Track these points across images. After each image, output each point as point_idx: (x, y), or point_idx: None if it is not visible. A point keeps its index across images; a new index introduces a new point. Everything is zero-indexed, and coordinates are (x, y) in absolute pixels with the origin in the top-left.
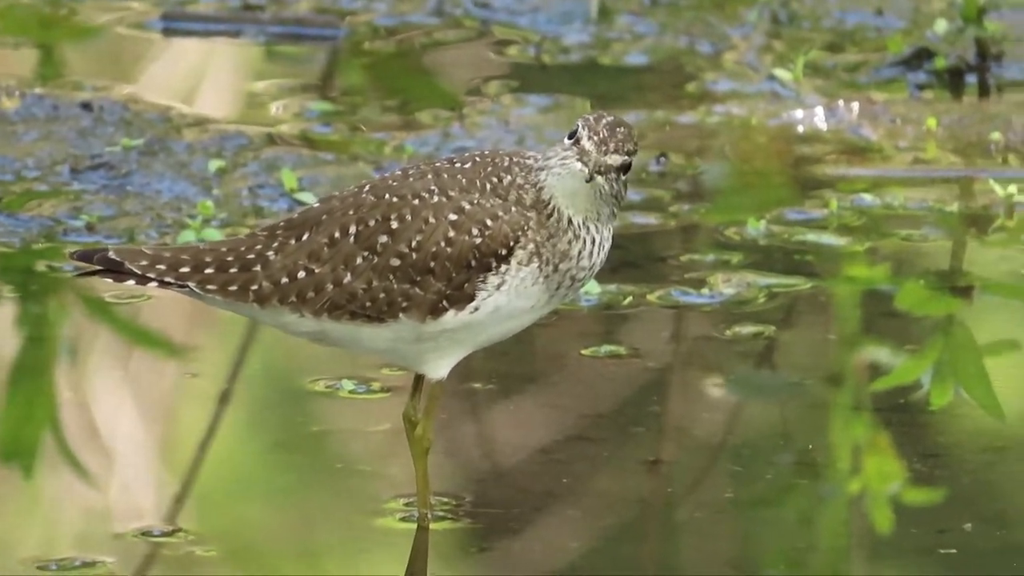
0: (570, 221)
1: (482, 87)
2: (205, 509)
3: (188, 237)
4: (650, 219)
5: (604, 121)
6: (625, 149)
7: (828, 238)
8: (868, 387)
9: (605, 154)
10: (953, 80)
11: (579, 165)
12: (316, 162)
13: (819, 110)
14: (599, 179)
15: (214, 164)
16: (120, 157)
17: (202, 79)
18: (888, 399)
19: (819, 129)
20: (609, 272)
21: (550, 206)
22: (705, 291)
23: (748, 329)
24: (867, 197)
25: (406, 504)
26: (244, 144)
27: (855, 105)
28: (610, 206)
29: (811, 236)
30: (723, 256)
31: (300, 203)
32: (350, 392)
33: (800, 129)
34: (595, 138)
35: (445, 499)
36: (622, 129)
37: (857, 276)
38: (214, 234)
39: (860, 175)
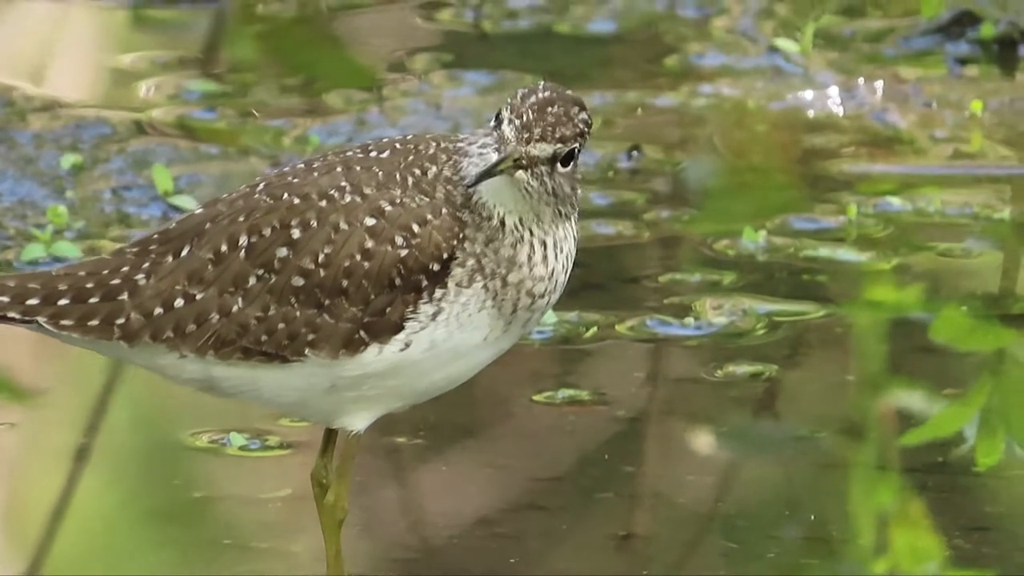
0: (502, 222)
1: (407, 62)
2: None
3: (35, 252)
4: (619, 229)
5: (533, 99)
6: (557, 135)
7: (845, 253)
8: (896, 442)
9: (528, 142)
10: (1003, 52)
11: (494, 156)
12: (197, 156)
13: (833, 91)
14: (520, 174)
15: (68, 159)
16: None
17: (53, 52)
18: (922, 457)
19: (834, 115)
20: (567, 296)
21: (480, 204)
22: (689, 320)
23: (744, 368)
24: (894, 201)
25: None
26: (106, 134)
27: (879, 84)
28: (551, 206)
29: (824, 250)
30: (712, 276)
31: (177, 208)
32: (240, 448)
33: (810, 114)
34: (517, 122)
35: None
36: (555, 108)
37: (882, 301)
38: (68, 248)
39: (886, 173)
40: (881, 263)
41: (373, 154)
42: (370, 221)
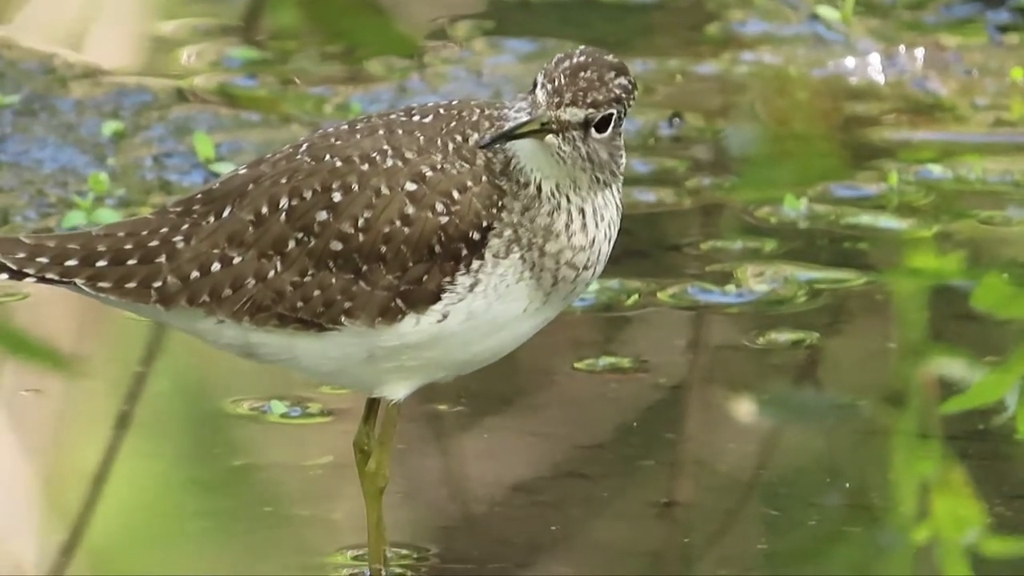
0: (539, 188)
1: (448, 29)
2: (99, 562)
3: (76, 220)
4: (661, 196)
5: (567, 64)
6: (589, 100)
7: (886, 220)
8: (938, 410)
9: (559, 107)
10: None
11: (525, 118)
12: (238, 124)
13: (874, 58)
14: (550, 138)
15: (109, 127)
16: None
17: (94, 19)
18: (963, 425)
19: (875, 82)
20: (609, 263)
21: (519, 170)
22: (731, 288)
23: (785, 336)
24: (935, 168)
25: (354, 558)
26: (147, 102)
27: (920, 52)
28: (587, 172)
29: (865, 218)
30: (753, 243)
31: (218, 175)
32: (282, 416)
33: (851, 82)
34: (549, 86)
35: (404, 552)
36: (589, 73)
37: (923, 268)
38: (109, 215)
39: (927, 140)
40: (922, 230)
41: (416, 118)
42: (411, 186)
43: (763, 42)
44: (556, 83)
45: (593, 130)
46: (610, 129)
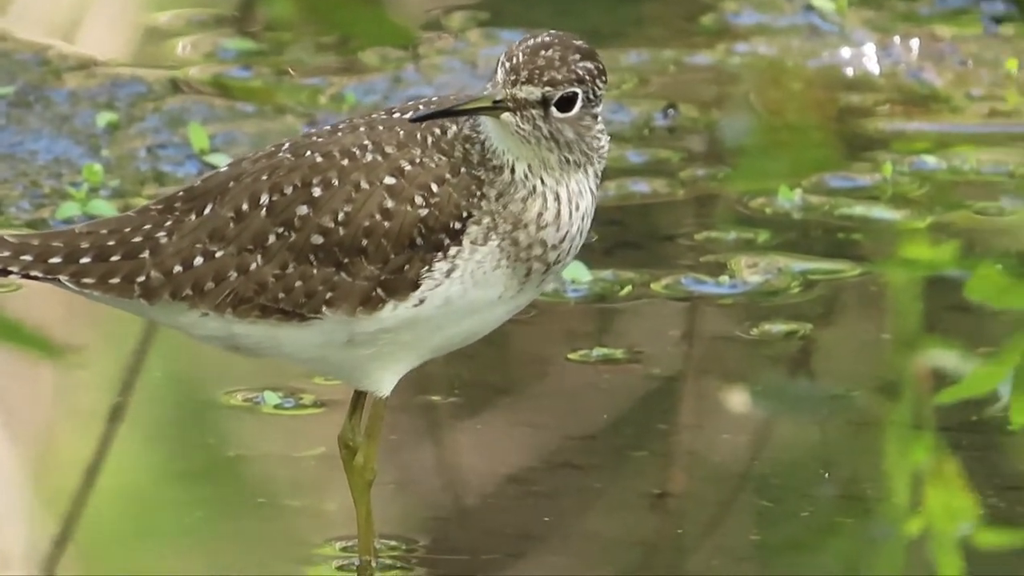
0: (513, 169)
1: (443, 19)
2: (90, 554)
3: (70, 211)
4: (655, 187)
5: (529, 44)
6: (546, 78)
7: (880, 211)
8: (931, 401)
9: (514, 84)
10: None
11: (482, 94)
12: (233, 115)
13: (869, 49)
14: (506, 116)
15: (103, 118)
16: None
17: (88, 10)
18: (957, 416)
19: (869, 73)
20: (602, 254)
21: (492, 152)
22: (724, 279)
23: (779, 327)
24: (930, 159)
25: (344, 549)
26: (141, 92)
27: (915, 42)
28: (553, 152)
29: (859, 209)
30: (747, 234)
31: (212, 166)
32: (275, 407)
33: (846, 72)
34: (507, 64)
35: (394, 543)
36: (549, 53)
37: (917, 259)
38: (104, 207)
39: (921, 131)
40: (916, 221)
41: (396, 115)
42: (390, 180)
43: (758, 33)
44: (514, 61)
45: (554, 109)
46: (575, 109)
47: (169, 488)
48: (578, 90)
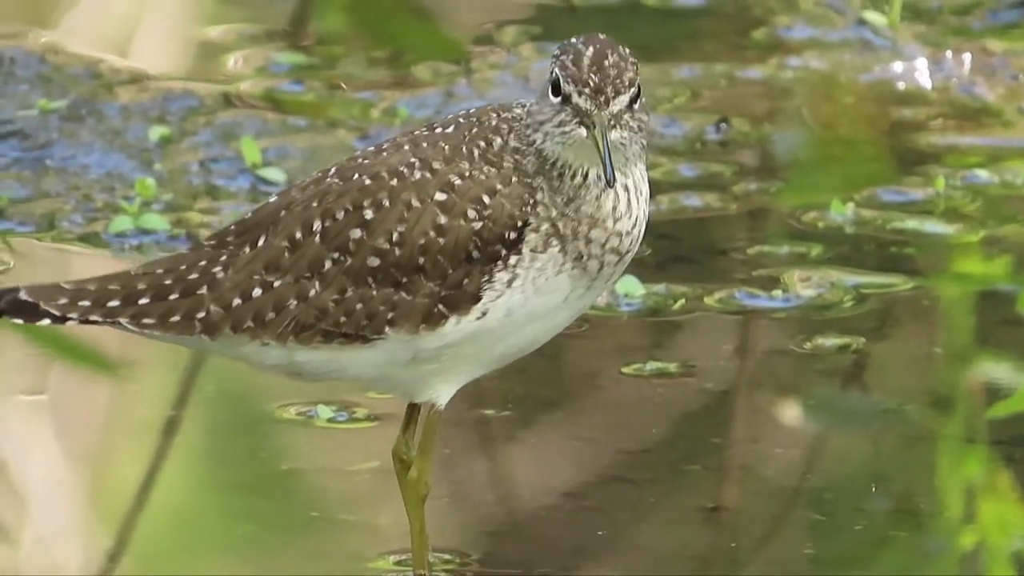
0: (586, 175)
1: (495, 34)
2: (145, 567)
3: (123, 224)
4: (707, 201)
5: (585, 60)
6: (626, 81)
7: (933, 225)
8: (984, 414)
9: (607, 103)
10: None
11: (583, 132)
12: (285, 129)
13: (921, 63)
14: (614, 135)
15: (156, 132)
16: (37, 123)
17: (140, 24)
18: (1009, 429)
19: (921, 87)
20: (655, 268)
21: (559, 165)
22: (777, 293)
23: (832, 341)
24: (982, 173)
25: (397, 563)
26: (194, 106)
27: (967, 57)
28: (638, 143)
29: (911, 223)
30: (800, 248)
31: (265, 180)
32: (328, 421)
33: (898, 87)
34: (586, 91)
35: (447, 557)
36: (610, 59)
37: (970, 273)
38: (156, 220)
39: (973, 145)
40: (969, 235)
41: (438, 130)
42: (441, 196)
43: (810, 47)
44: (592, 83)
45: (634, 104)
46: (640, 96)
47: (222, 502)
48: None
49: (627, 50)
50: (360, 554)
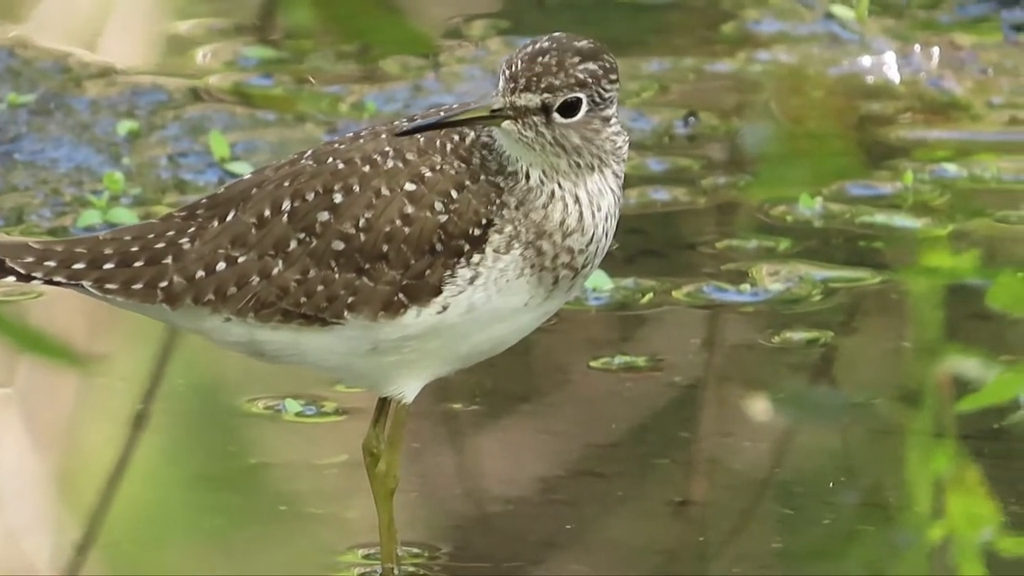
0: (528, 175)
1: (463, 28)
2: (113, 560)
3: (91, 218)
4: (676, 195)
5: (528, 50)
6: (543, 85)
7: (901, 219)
8: (952, 408)
9: (513, 92)
10: None
11: (508, 122)
12: (253, 123)
13: (890, 57)
14: (507, 124)
15: (124, 126)
16: (5, 117)
17: (108, 18)
18: (978, 423)
19: (890, 81)
20: (624, 262)
21: (506, 159)
22: (746, 287)
23: (800, 335)
24: (951, 167)
25: (366, 557)
26: (162, 101)
27: (935, 51)
28: (561, 158)
29: (880, 217)
30: (768, 242)
31: (233, 175)
32: (296, 415)
33: (866, 81)
34: (507, 72)
35: (416, 550)
36: (547, 59)
37: (938, 267)
38: (124, 215)
39: (942, 139)
40: (937, 229)
41: (418, 121)
42: (410, 186)
43: (778, 41)
44: (513, 69)
45: (557, 115)
46: (581, 114)
47: (191, 495)
48: (580, 95)
49: (587, 65)
50: (329, 548)
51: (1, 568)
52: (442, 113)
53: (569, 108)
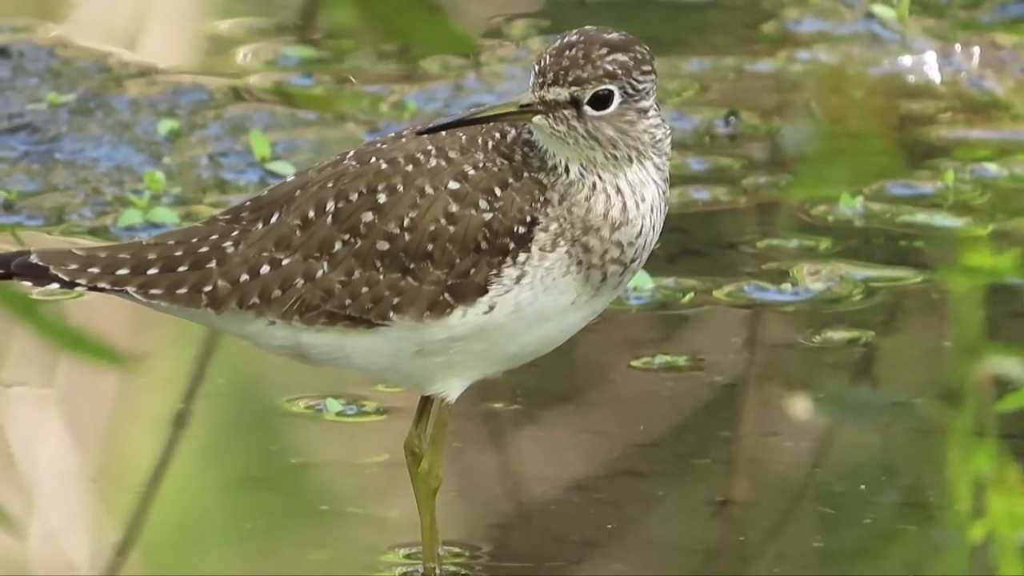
0: (567, 169)
1: (504, 27)
2: (153, 561)
3: (132, 218)
4: (716, 195)
5: (556, 44)
6: (571, 78)
7: (942, 219)
8: (993, 407)
9: (542, 87)
10: None
11: (539, 117)
12: (294, 122)
13: (930, 57)
14: (538, 119)
15: (165, 125)
16: (46, 117)
17: (149, 17)
18: (1019, 423)
19: (930, 81)
20: (665, 262)
21: (546, 155)
22: (787, 286)
23: (841, 334)
24: (991, 167)
25: (407, 556)
26: (203, 100)
27: (976, 50)
28: (596, 151)
29: (921, 216)
30: (809, 242)
31: (274, 174)
32: (337, 414)
33: (907, 80)
34: (536, 68)
35: (457, 550)
36: (574, 52)
37: (979, 267)
38: (165, 214)
39: (982, 139)
40: (978, 229)
41: None
42: (454, 185)
43: (819, 40)
44: (542, 64)
45: (589, 108)
46: (613, 106)
47: (231, 496)
48: (612, 87)
49: (616, 56)
50: (370, 547)
51: (41, 569)
52: (473, 111)
53: (601, 101)
